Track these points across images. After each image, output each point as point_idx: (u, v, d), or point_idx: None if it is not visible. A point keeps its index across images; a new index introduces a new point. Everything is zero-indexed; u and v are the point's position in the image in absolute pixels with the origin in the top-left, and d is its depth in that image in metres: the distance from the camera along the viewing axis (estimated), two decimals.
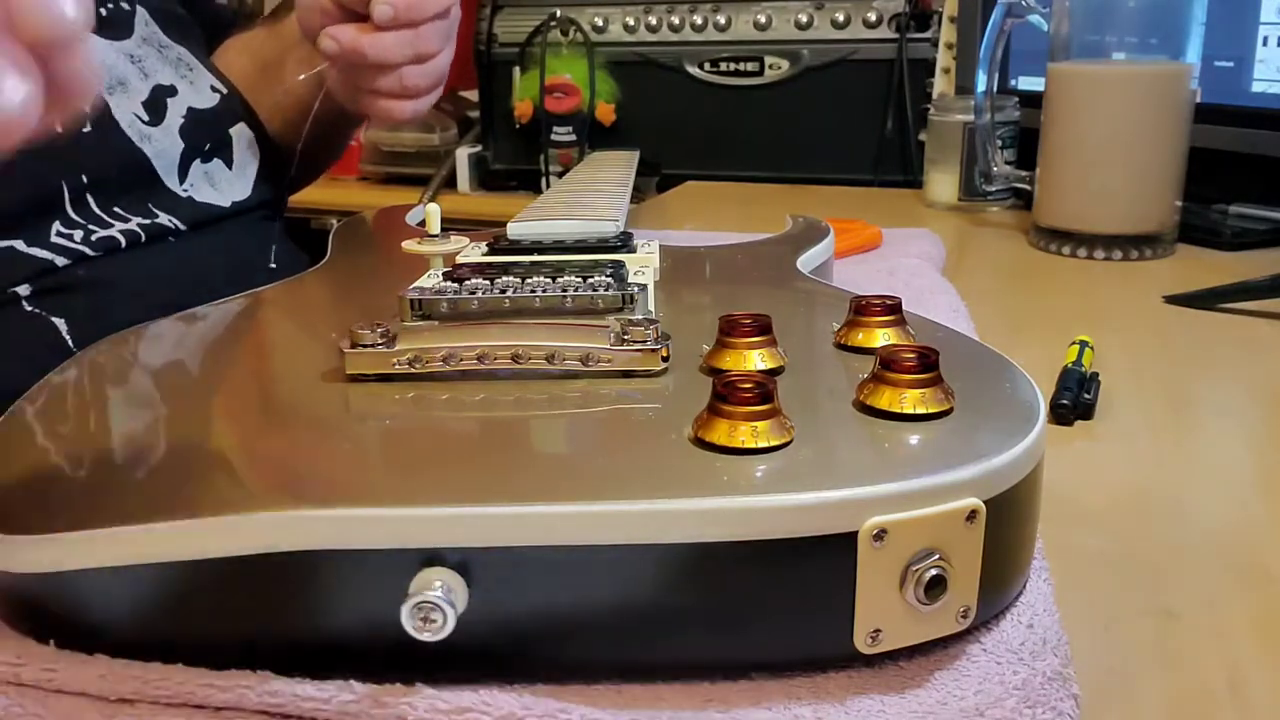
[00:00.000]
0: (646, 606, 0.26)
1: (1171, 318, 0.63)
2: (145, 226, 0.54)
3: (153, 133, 0.56)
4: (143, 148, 0.55)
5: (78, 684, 0.26)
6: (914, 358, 0.30)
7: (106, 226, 0.52)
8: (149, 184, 0.56)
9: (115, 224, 0.52)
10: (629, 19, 1.25)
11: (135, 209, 0.54)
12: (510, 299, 0.37)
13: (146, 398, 0.36)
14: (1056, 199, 0.80)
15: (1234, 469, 0.43)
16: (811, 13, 1.19)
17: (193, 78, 0.61)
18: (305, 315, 0.46)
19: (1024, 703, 0.26)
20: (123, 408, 0.35)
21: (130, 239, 0.53)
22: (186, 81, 0.60)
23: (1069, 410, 0.47)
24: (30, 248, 0.49)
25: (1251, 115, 0.81)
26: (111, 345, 0.40)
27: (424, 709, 0.25)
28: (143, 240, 0.53)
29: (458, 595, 0.25)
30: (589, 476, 0.28)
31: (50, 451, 0.31)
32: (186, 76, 0.61)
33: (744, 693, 0.26)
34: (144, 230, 0.53)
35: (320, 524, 0.25)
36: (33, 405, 0.34)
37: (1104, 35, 0.78)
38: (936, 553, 0.26)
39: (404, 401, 0.33)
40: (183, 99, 0.59)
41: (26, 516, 0.27)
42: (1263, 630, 0.32)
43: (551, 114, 1.26)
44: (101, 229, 0.52)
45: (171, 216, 0.56)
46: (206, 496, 0.27)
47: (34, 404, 0.34)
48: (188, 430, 0.32)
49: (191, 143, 0.58)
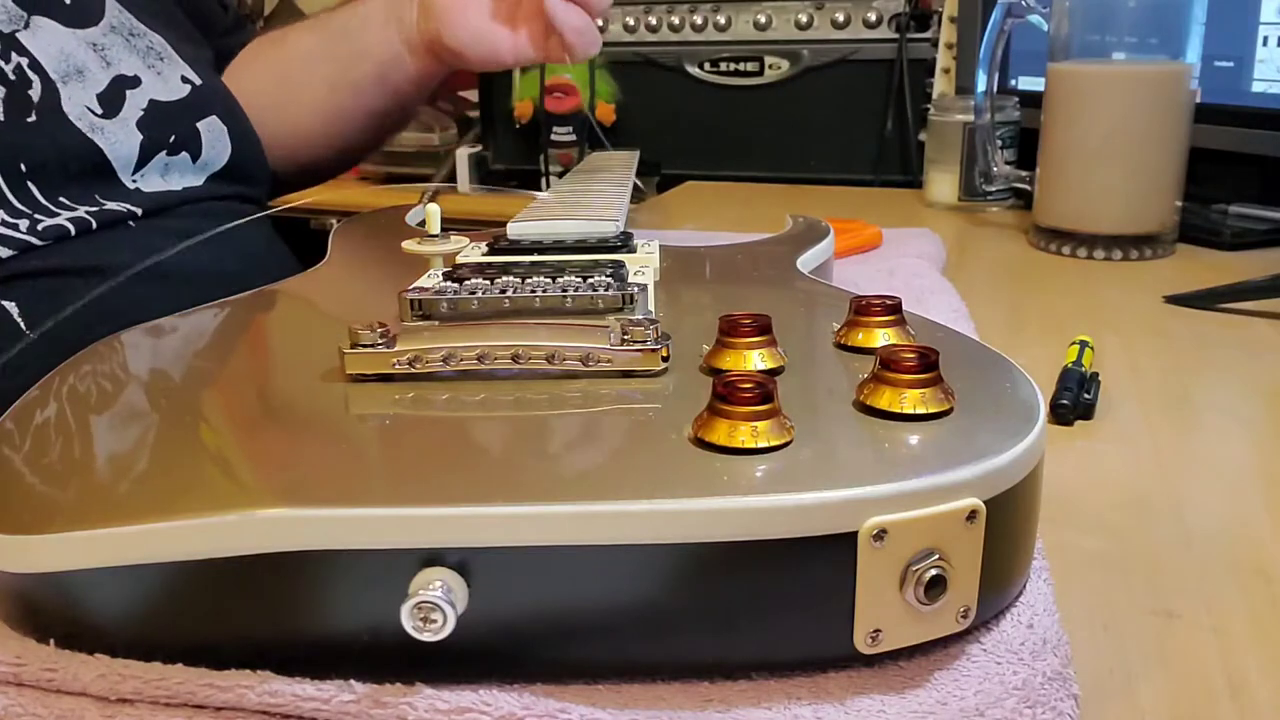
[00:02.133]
0: (646, 606, 0.26)
1: (1171, 318, 0.63)
2: (94, 214, 0.53)
3: (106, 124, 0.55)
4: (94, 139, 0.55)
5: (78, 684, 0.26)
6: (914, 358, 0.30)
7: (53, 215, 0.51)
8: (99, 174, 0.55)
9: (62, 213, 0.52)
10: (629, 19, 1.25)
11: (82, 198, 0.53)
12: (510, 299, 0.37)
13: (146, 397, 0.36)
14: (1056, 199, 0.80)
15: (1234, 469, 0.43)
16: (811, 13, 1.19)
17: (161, 68, 0.60)
18: (305, 315, 0.46)
19: (1024, 703, 0.26)
20: (122, 407, 0.35)
21: (80, 226, 0.52)
22: (154, 72, 0.59)
23: (1069, 410, 0.47)
24: None
25: (1251, 115, 0.81)
26: (110, 345, 0.40)
27: (424, 709, 0.25)
28: (94, 227, 0.53)
29: (458, 595, 0.25)
30: (589, 476, 0.28)
31: (50, 451, 0.31)
32: (155, 67, 0.60)
33: (744, 693, 0.26)
34: (94, 218, 0.53)
35: (320, 524, 0.25)
36: (32, 405, 0.34)
37: (1104, 35, 0.78)
38: (936, 553, 0.26)
39: (404, 401, 0.33)
40: (145, 90, 0.58)
41: (26, 516, 0.27)
42: (1263, 630, 0.32)
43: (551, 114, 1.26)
44: (48, 218, 0.51)
45: (125, 204, 0.55)
46: (206, 496, 0.27)
47: (33, 404, 0.34)
48: (187, 430, 0.32)
49: (151, 135, 0.58)
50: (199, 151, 0.61)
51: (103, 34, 0.58)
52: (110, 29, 0.59)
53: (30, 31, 0.55)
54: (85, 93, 0.55)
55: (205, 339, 0.42)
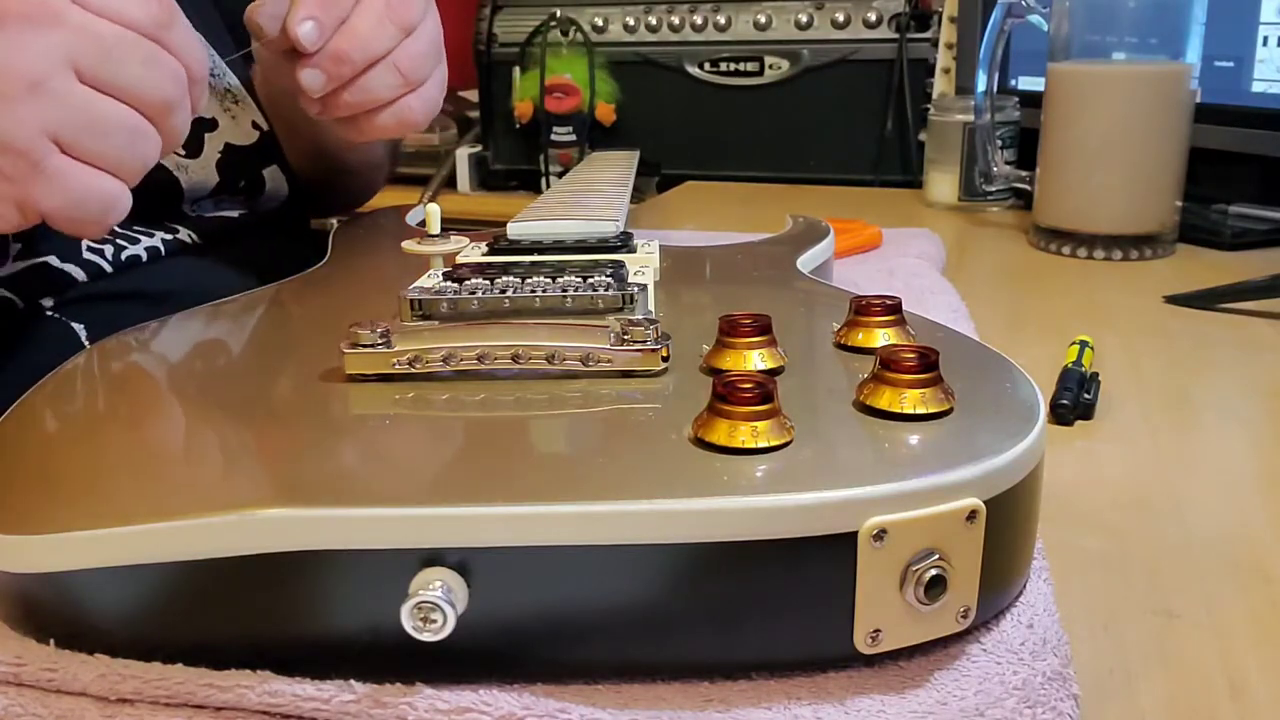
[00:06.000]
0: (646, 606, 0.26)
1: (1171, 318, 0.63)
2: (166, 242, 0.53)
3: (190, 164, 0.55)
4: (178, 176, 0.55)
5: (78, 684, 0.26)
6: (914, 358, 0.30)
7: (134, 243, 0.52)
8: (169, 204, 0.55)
9: (142, 239, 0.52)
10: (629, 19, 1.25)
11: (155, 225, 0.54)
12: (510, 299, 0.37)
13: (146, 398, 0.36)
14: (1056, 199, 0.80)
15: (1234, 469, 0.43)
16: (811, 13, 1.19)
17: (236, 111, 0.59)
18: (305, 315, 0.46)
19: (1024, 703, 0.26)
20: (123, 408, 0.35)
21: (152, 254, 0.52)
22: (229, 116, 0.59)
23: (1069, 410, 0.47)
24: (63, 264, 0.49)
25: (1251, 115, 0.81)
26: (110, 346, 0.40)
27: (424, 709, 0.25)
28: (163, 254, 0.53)
29: (458, 595, 0.25)
30: (589, 476, 0.28)
31: (50, 451, 0.31)
32: (230, 110, 0.59)
33: (744, 693, 0.26)
34: (164, 245, 0.53)
35: (320, 524, 0.25)
36: (33, 405, 0.34)
37: (1104, 35, 0.78)
38: (936, 553, 0.26)
39: (404, 401, 0.33)
40: (221, 134, 0.57)
41: (26, 516, 0.27)
42: (1263, 630, 0.32)
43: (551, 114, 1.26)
44: (130, 245, 0.51)
45: (188, 229, 0.55)
46: (206, 497, 0.27)
47: (34, 404, 0.34)
48: (188, 430, 0.32)
49: (226, 178, 0.57)
50: (261, 193, 0.61)
51: None
52: None
53: None
54: None
55: (205, 339, 0.42)
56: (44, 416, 0.33)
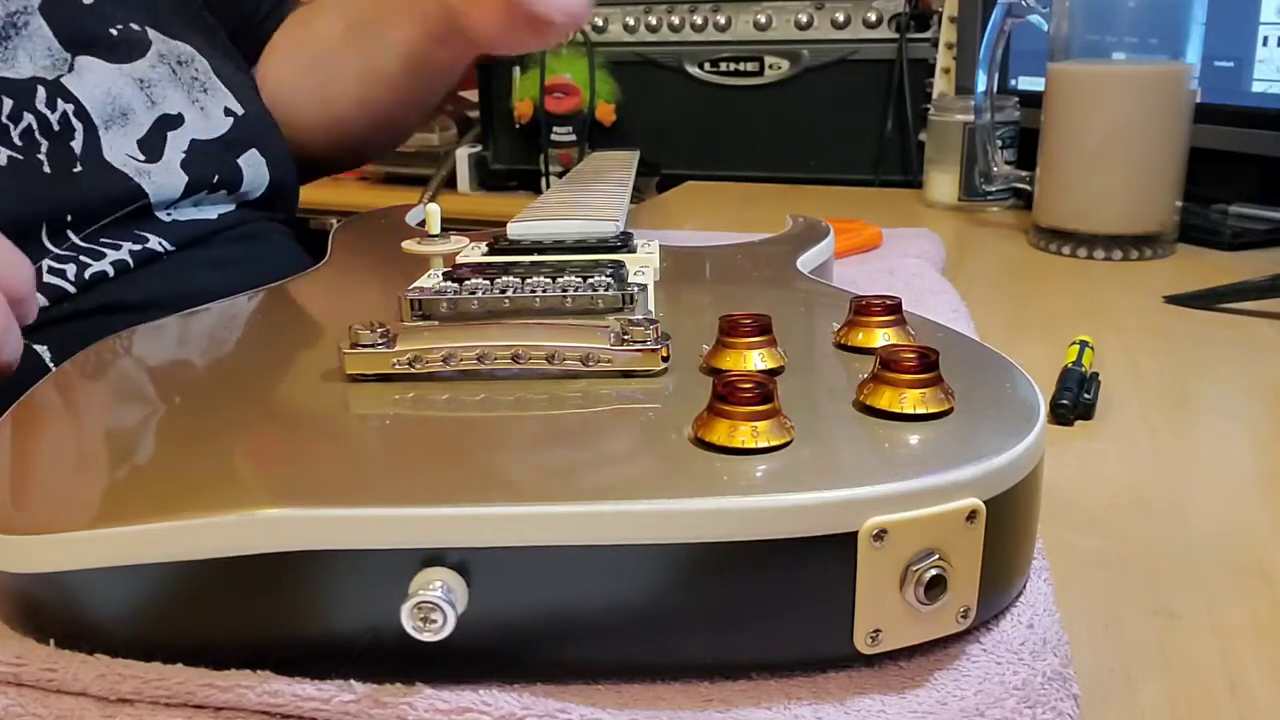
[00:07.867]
0: (646, 606, 0.26)
1: (1171, 318, 0.63)
2: (135, 253, 0.52)
3: (151, 168, 0.55)
4: (140, 181, 0.54)
5: (78, 684, 0.26)
6: (914, 358, 0.30)
7: (98, 258, 0.51)
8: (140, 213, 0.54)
9: (107, 253, 0.51)
10: (629, 19, 1.25)
11: (123, 236, 0.53)
12: (510, 299, 0.37)
13: (146, 398, 0.36)
14: (1056, 199, 0.80)
15: (1234, 469, 0.43)
16: (811, 13, 1.19)
17: (204, 101, 0.59)
18: (305, 315, 0.46)
19: (1024, 703, 0.26)
20: (122, 408, 0.35)
21: (119, 268, 0.52)
22: (197, 107, 0.58)
23: (1069, 410, 0.47)
24: None
25: (1251, 115, 0.81)
26: (110, 346, 0.40)
27: (424, 709, 0.25)
28: (132, 266, 0.52)
29: (458, 595, 0.25)
30: (589, 476, 0.28)
31: (50, 451, 0.31)
32: (198, 101, 0.59)
33: (744, 693, 0.26)
34: (134, 257, 0.52)
35: (320, 524, 0.25)
36: (32, 405, 0.34)
37: (1104, 35, 0.78)
38: (936, 553, 0.26)
39: (404, 401, 0.33)
40: (186, 130, 0.57)
41: (26, 517, 0.27)
42: (1263, 630, 0.32)
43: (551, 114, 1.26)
44: (94, 261, 0.50)
45: (160, 237, 0.54)
46: (206, 496, 0.27)
47: (33, 404, 0.34)
48: (187, 430, 0.32)
49: (195, 175, 0.57)
50: (239, 186, 0.60)
51: (150, 66, 0.57)
52: (159, 58, 0.57)
53: (75, 74, 0.54)
54: (127, 139, 0.54)
55: (205, 339, 0.42)
56: (44, 416, 0.33)
